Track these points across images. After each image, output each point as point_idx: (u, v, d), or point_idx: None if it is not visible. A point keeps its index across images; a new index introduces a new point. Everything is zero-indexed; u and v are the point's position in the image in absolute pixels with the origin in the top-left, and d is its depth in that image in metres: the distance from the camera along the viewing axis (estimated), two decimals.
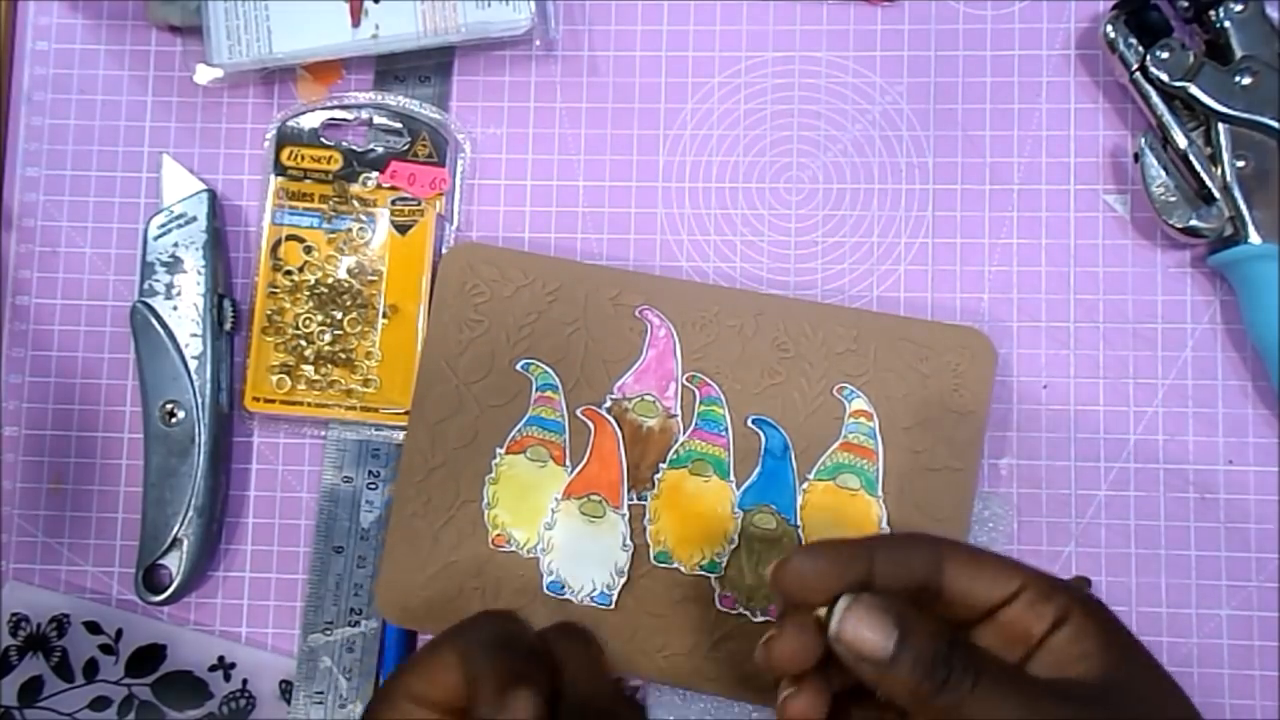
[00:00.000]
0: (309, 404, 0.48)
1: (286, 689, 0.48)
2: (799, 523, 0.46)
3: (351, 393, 0.48)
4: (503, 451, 0.47)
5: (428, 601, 0.46)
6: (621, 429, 0.46)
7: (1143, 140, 0.46)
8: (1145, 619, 0.46)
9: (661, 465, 0.46)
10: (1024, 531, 0.47)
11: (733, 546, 0.46)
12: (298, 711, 0.47)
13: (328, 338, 0.48)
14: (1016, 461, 0.47)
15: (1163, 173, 0.45)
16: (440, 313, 0.47)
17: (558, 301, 0.47)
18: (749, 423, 0.46)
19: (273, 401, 0.48)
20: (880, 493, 0.45)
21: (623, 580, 0.46)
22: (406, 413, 0.47)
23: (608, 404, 0.47)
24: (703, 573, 0.46)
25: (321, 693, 0.48)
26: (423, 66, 0.50)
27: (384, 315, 0.48)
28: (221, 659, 0.48)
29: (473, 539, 0.46)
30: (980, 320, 0.48)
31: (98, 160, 0.51)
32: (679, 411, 0.46)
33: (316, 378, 0.48)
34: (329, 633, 0.48)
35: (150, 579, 0.48)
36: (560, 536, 0.46)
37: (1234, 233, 0.45)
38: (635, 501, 0.46)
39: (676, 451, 0.46)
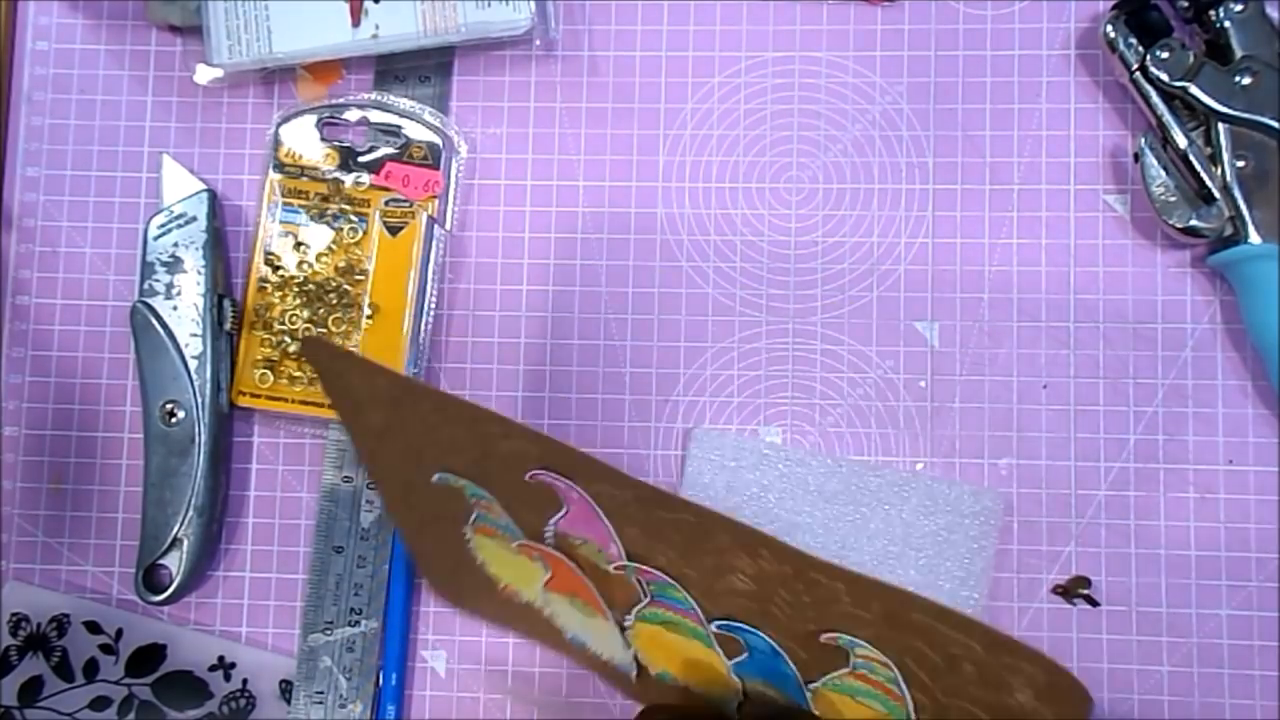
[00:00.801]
0: (292, 400, 0.48)
1: (286, 689, 0.48)
2: (813, 708, 0.37)
3: None
4: (472, 533, 0.42)
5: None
6: (576, 562, 0.39)
7: (1143, 140, 0.46)
8: (1145, 619, 0.46)
9: (627, 619, 0.38)
10: (1024, 531, 0.47)
11: (740, 699, 0.38)
12: (298, 711, 0.47)
13: (312, 335, 0.48)
14: (1016, 461, 0.47)
15: (1163, 173, 0.45)
16: (338, 402, 0.39)
17: (440, 436, 0.38)
18: (715, 629, 0.36)
19: (258, 397, 0.48)
20: None
21: (635, 670, 0.40)
22: None
23: (549, 536, 0.39)
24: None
25: (322, 692, 0.48)
26: (423, 66, 0.50)
27: (368, 316, 0.48)
28: (221, 659, 0.48)
29: (489, 592, 0.42)
30: (980, 320, 0.48)
31: (98, 160, 0.51)
32: (631, 577, 0.38)
33: (299, 374, 0.48)
34: (329, 632, 0.48)
35: (150, 579, 0.48)
36: (562, 616, 0.42)
37: (1234, 233, 0.45)
38: (622, 622, 0.40)
39: (641, 612, 0.38)
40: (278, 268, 0.49)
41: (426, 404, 0.38)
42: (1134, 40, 0.46)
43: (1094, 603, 0.46)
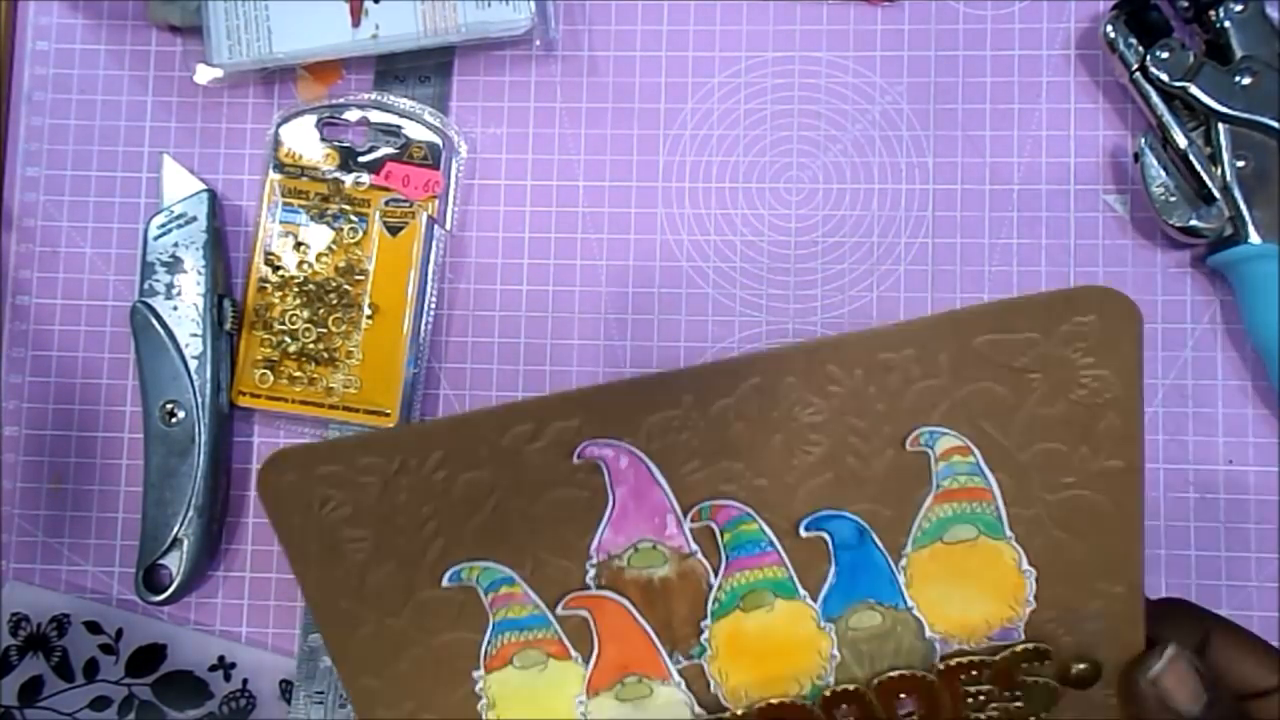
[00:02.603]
0: (292, 400, 0.48)
1: (287, 689, 0.48)
2: (910, 604, 0.34)
3: (332, 391, 0.48)
4: (482, 673, 0.34)
5: None
6: (627, 596, 0.34)
7: (1143, 140, 0.46)
8: None
9: (704, 622, 0.34)
10: None
11: (835, 662, 0.35)
12: (298, 711, 0.47)
13: (312, 335, 0.48)
14: None
15: (1163, 173, 0.45)
16: (299, 553, 0.33)
17: (450, 477, 0.33)
18: (801, 530, 0.34)
19: (258, 397, 0.48)
20: (1008, 531, 0.34)
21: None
22: (385, 414, 0.47)
23: (591, 573, 0.34)
24: (806, 701, 0.35)
25: (322, 692, 0.48)
26: (423, 66, 0.50)
27: (368, 316, 0.48)
28: (222, 659, 0.48)
29: None
30: None
31: (98, 160, 0.51)
32: (694, 546, 0.34)
33: (299, 374, 0.48)
34: None
35: (150, 579, 0.48)
36: None
37: (1234, 233, 0.45)
38: (685, 663, 0.35)
39: (716, 598, 0.34)
40: (278, 268, 0.49)
41: (432, 447, 0.33)
42: (1134, 40, 0.46)
43: None
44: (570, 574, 0.34)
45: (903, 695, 0.35)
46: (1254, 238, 0.45)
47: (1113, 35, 0.46)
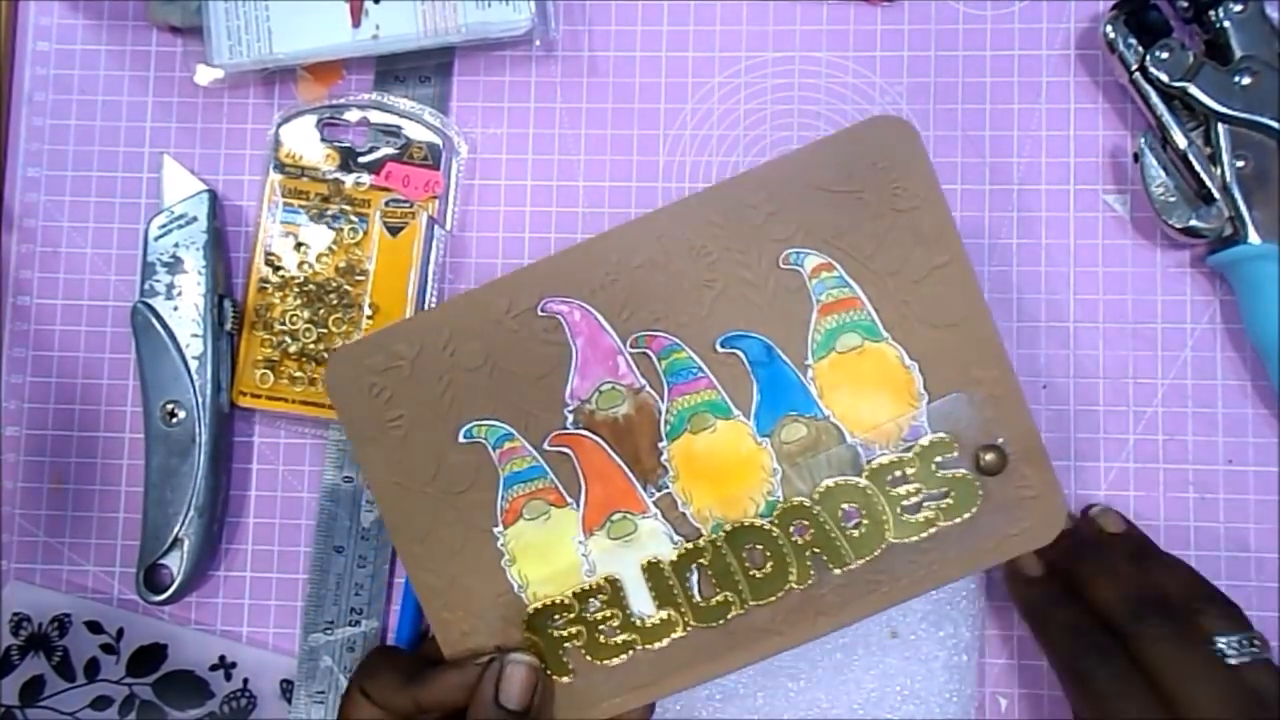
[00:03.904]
0: (292, 400, 0.48)
1: (287, 688, 0.48)
2: (827, 412, 0.41)
3: None
4: (501, 529, 0.42)
5: None
6: (599, 434, 0.42)
7: (1142, 140, 0.46)
8: None
9: (660, 444, 0.41)
10: None
11: (778, 476, 0.41)
12: (299, 711, 0.48)
13: (312, 335, 0.48)
14: None
15: (1162, 173, 0.45)
16: (359, 433, 0.42)
17: (456, 350, 0.42)
18: (718, 348, 0.41)
19: (259, 397, 0.48)
20: (885, 333, 0.41)
21: (693, 536, 0.41)
22: None
23: (569, 419, 0.42)
24: (764, 520, 0.41)
25: (323, 692, 0.48)
26: (423, 67, 0.50)
27: (368, 316, 0.48)
28: (222, 658, 0.48)
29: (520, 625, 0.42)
30: None
31: (99, 161, 0.51)
32: (642, 381, 0.41)
33: (299, 375, 0.48)
34: (330, 632, 0.48)
35: (151, 578, 0.48)
36: (606, 561, 0.42)
37: (1233, 233, 0.45)
38: (658, 494, 0.42)
39: (666, 421, 0.41)
40: (278, 268, 0.49)
41: (441, 327, 0.42)
42: (1134, 40, 0.46)
43: None
44: (553, 423, 0.42)
45: (845, 506, 0.41)
46: (1253, 238, 0.45)
47: (1112, 35, 0.46)
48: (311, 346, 0.48)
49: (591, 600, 0.42)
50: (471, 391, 0.42)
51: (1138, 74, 0.46)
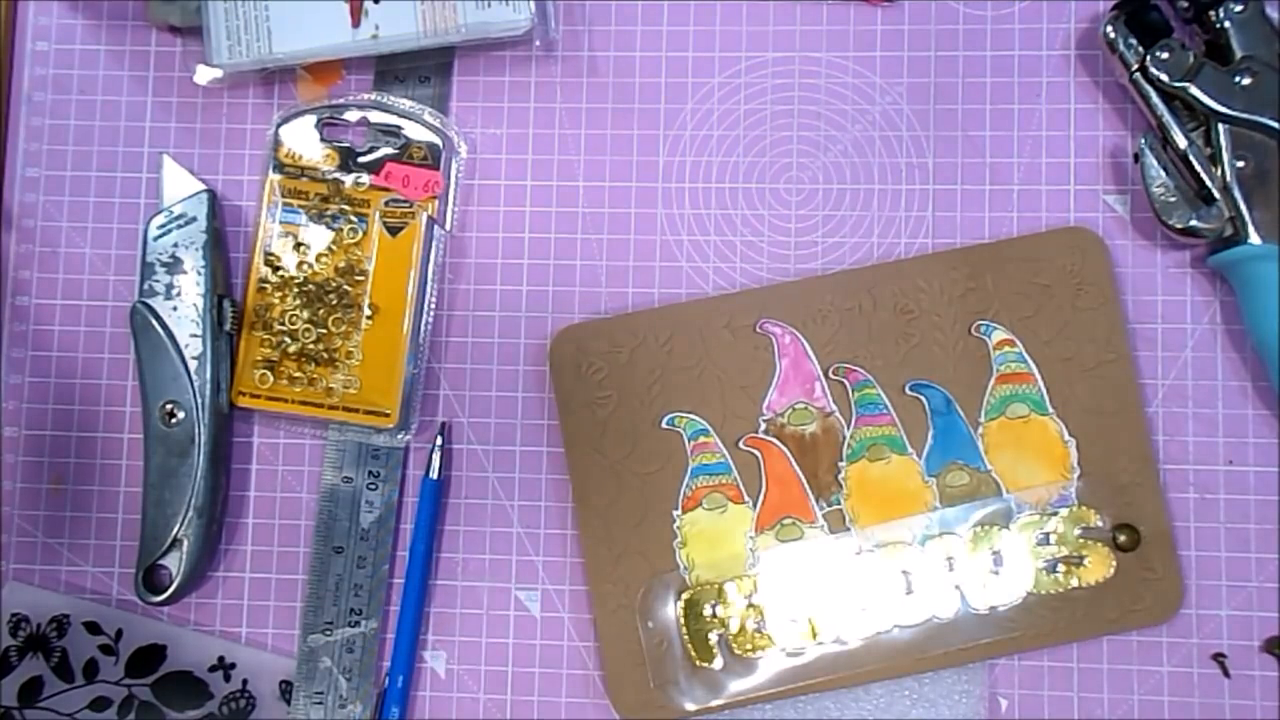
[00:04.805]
0: (291, 401, 0.48)
1: (286, 689, 0.48)
2: (990, 467, 0.46)
3: (332, 392, 0.48)
4: (679, 512, 0.46)
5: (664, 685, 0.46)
6: (786, 445, 0.46)
7: (1142, 140, 0.46)
8: None
9: (840, 464, 0.46)
10: None
11: (937, 514, 0.46)
12: (298, 712, 0.47)
13: (312, 336, 0.48)
14: None
15: (1162, 173, 0.45)
16: (567, 403, 0.47)
17: (674, 349, 0.47)
18: (907, 390, 0.46)
19: (258, 397, 0.48)
20: (1051, 409, 0.46)
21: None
22: (385, 414, 0.47)
23: (763, 427, 0.46)
24: (919, 548, 0.46)
25: (321, 693, 0.48)
26: (423, 67, 0.50)
27: (368, 316, 0.48)
28: (221, 659, 0.48)
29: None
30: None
31: (98, 161, 0.51)
32: (834, 407, 0.46)
33: (299, 375, 0.48)
34: (329, 633, 0.48)
35: (150, 579, 0.48)
36: (770, 563, 0.46)
37: (1234, 233, 0.45)
38: (828, 509, 0.46)
39: (849, 445, 0.46)
40: (278, 268, 0.49)
41: (665, 327, 0.47)
42: (1134, 40, 0.46)
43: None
44: (747, 426, 0.47)
45: (993, 550, 0.45)
46: (1254, 238, 0.45)
47: (1113, 35, 0.46)
48: (311, 347, 0.48)
49: (747, 594, 0.45)
50: (679, 386, 0.47)
51: (1138, 74, 0.46)
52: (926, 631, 0.45)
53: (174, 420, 0.47)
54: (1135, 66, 0.46)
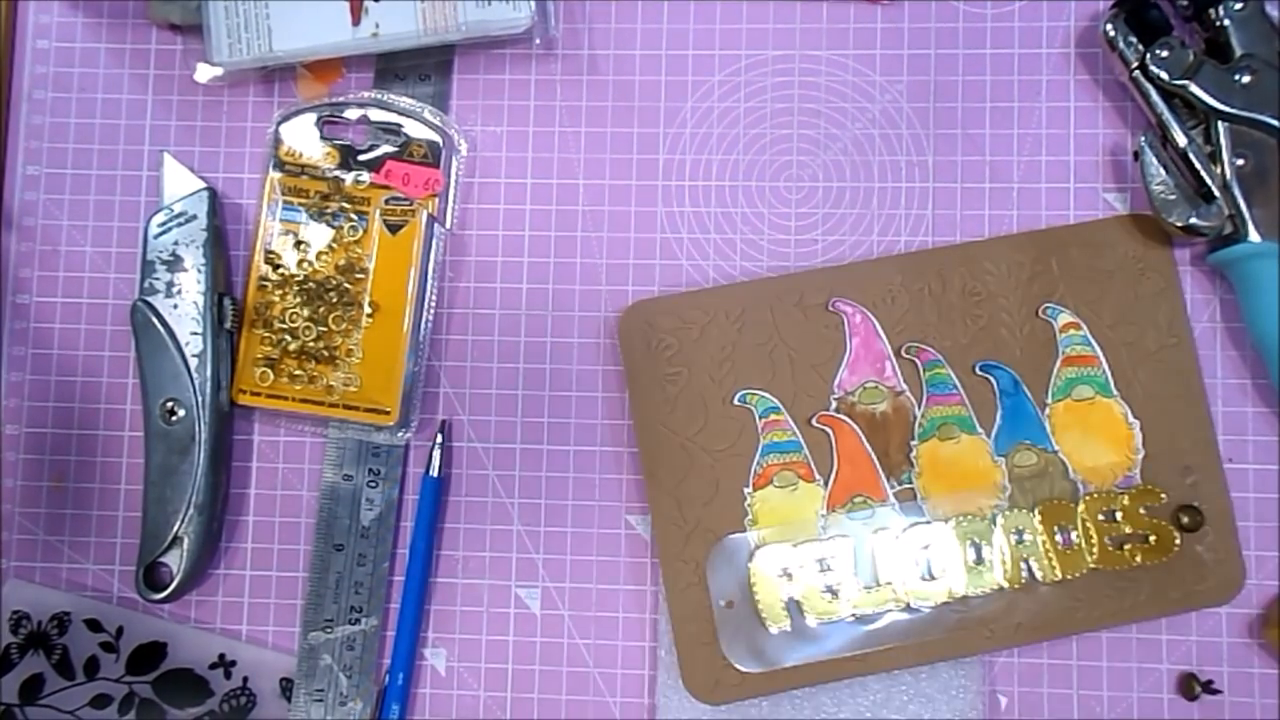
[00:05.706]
0: (292, 398, 0.48)
1: (287, 686, 0.48)
2: (1056, 447, 0.46)
3: (332, 389, 0.48)
4: (750, 490, 0.46)
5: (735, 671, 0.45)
6: (857, 423, 0.46)
7: (1142, 139, 0.46)
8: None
9: (912, 442, 0.46)
10: None
11: (1007, 493, 0.46)
12: (298, 709, 0.48)
13: (312, 333, 0.48)
14: None
15: (1162, 171, 0.45)
16: (636, 379, 0.47)
17: (746, 326, 0.47)
18: (976, 371, 0.47)
19: (259, 395, 0.48)
20: (1115, 391, 0.46)
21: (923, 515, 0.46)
22: (385, 412, 0.47)
23: (834, 405, 0.47)
24: (990, 522, 0.46)
25: (322, 690, 0.48)
26: (423, 65, 0.50)
27: (368, 314, 0.48)
28: (222, 656, 0.48)
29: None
30: None
31: (98, 158, 0.51)
32: (904, 386, 0.47)
33: (299, 373, 0.48)
34: (329, 630, 0.48)
35: (151, 577, 0.48)
36: (843, 543, 0.46)
37: (1233, 231, 0.45)
38: (899, 487, 0.46)
39: (920, 424, 0.46)
40: (278, 266, 0.49)
41: (736, 304, 0.47)
42: (1134, 39, 0.46)
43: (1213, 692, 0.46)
44: (818, 405, 0.47)
45: (1060, 526, 0.45)
46: (1253, 236, 0.45)
47: (1112, 34, 0.46)
48: (311, 344, 0.48)
49: (819, 558, 0.45)
50: (750, 363, 0.47)
51: (1138, 72, 0.46)
52: (995, 604, 0.45)
53: (174, 418, 0.47)
54: (1135, 64, 0.46)
